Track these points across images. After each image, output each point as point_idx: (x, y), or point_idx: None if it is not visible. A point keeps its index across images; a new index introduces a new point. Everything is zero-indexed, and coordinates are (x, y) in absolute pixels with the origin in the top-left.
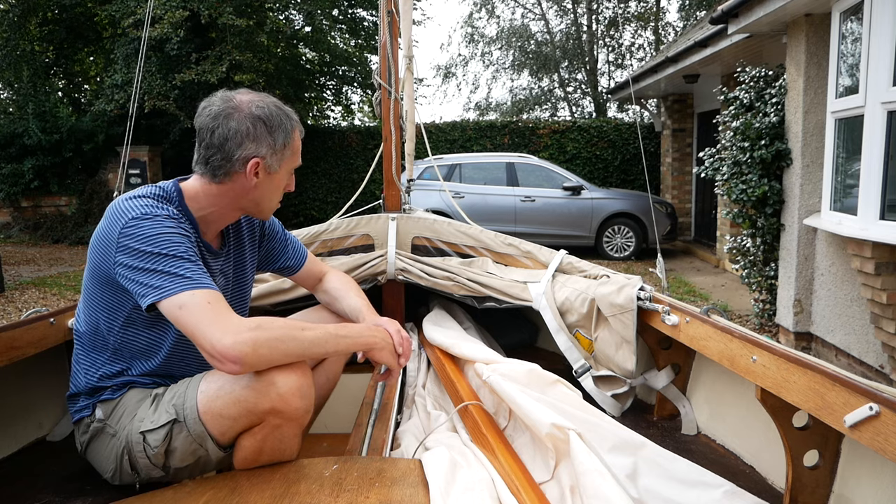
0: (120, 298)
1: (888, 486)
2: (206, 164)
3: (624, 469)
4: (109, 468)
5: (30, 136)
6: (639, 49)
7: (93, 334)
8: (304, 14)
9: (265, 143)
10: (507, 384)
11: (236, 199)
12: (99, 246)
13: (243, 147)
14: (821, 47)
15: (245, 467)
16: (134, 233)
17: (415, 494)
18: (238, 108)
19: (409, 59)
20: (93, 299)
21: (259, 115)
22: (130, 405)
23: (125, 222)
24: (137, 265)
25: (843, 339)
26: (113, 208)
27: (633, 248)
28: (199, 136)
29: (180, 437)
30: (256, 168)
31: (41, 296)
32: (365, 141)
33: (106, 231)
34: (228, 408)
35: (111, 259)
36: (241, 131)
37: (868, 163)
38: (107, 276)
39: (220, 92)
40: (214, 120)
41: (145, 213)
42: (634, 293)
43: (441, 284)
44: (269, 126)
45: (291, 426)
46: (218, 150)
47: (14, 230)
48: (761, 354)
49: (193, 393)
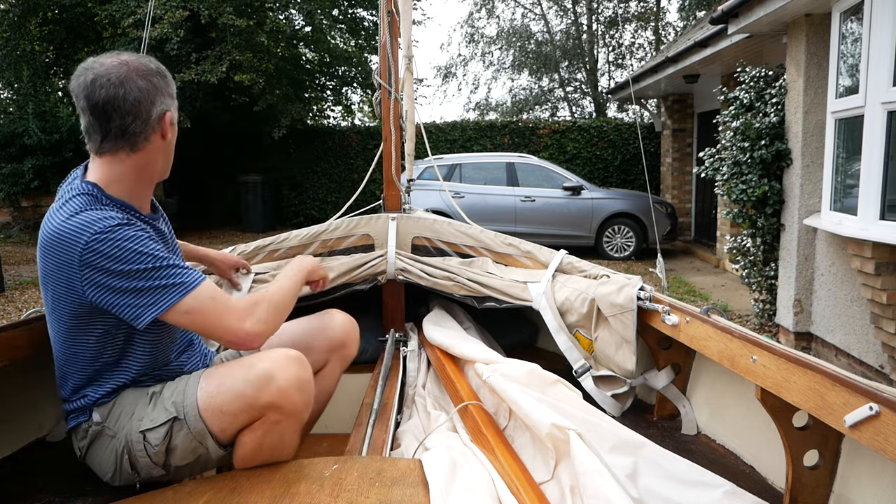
0: (104, 325)
1: (888, 486)
2: (122, 135)
3: (624, 469)
4: (109, 469)
5: (30, 136)
6: (639, 49)
7: (72, 354)
8: (304, 14)
9: (167, 93)
10: (507, 384)
11: (152, 163)
12: (56, 280)
13: (156, 104)
14: (821, 47)
15: (244, 465)
16: (100, 252)
17: (415, 494)
18: (134, 68)
19: (409, 59)
20: (69, 333)
21: (155, 69)
22: (127, 405)
23: (84, 243)
24: (121, 285)
25: (843, 339)
26: (56, 235)
27: (633, 248)
28: (102, 112)
29: (181, 435)
30: (168, 122)
31: (41, 296)
32: (365, 141)
33: (59, 262)
34: (229, 403)
35: (76, 276)
36: (149, 89)
37: (868, 163)
38: (79, 305)
39: (92, 62)
40: (122, 87)
41: (102, 228)
42: (634, 293)
43: (441, 284)
44: (165, 77)
45: (290, 422)
46: (134, 116)
47: (14, 230)
48: (761, 354)
49: (193, 390)
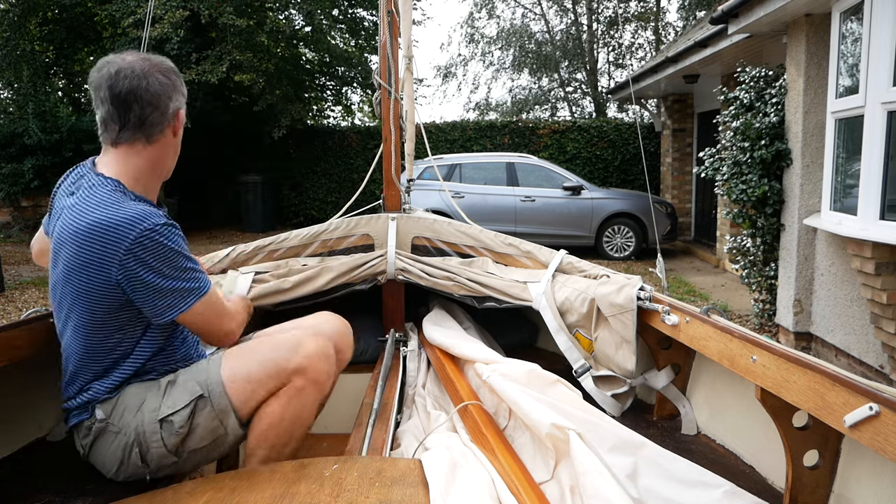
0: (125, 318)
1: (888, 486)
2: (140, 126)
3: (624, 469)
4: (114, 465)
5: (30, 136)
6: (639, 49)
7: (88, 349)
8: (304, 14)
9: (181, 92)
10: (507, 384)
11: (164, 157)
12: (90, 270)
13: (173, 99)
14: (821, 47)
15: (263, 440)
16: (151, 247)
17: (415, 494)
18: (155, 64)
19: (409, 59)
20: (89, 326)
21: (172, 68)
22: (132, 400)
23: (136, 236)
24: (158, 283)
25: (843, 339)
26: (98, 225)
27: (633, 248)
28: (124, 101)
29: (203, 414)
30: (182, 119)
31: (41, 296)
32: (365, 141)
33: (104, 247)
34: (258, 371)
35: (114, 277)
36: (168, 84)
37: (868, 163)
38: (107, 297)
39: (115, 56)
40: (143, 78)
41: (154, 224)
42: (634, 293)
43: (441, 284)
44: (178, 75)
45: (313, 390)
46: (154, 107)
47: (14, 230)
48: (761, 354)
49: (216, 369)
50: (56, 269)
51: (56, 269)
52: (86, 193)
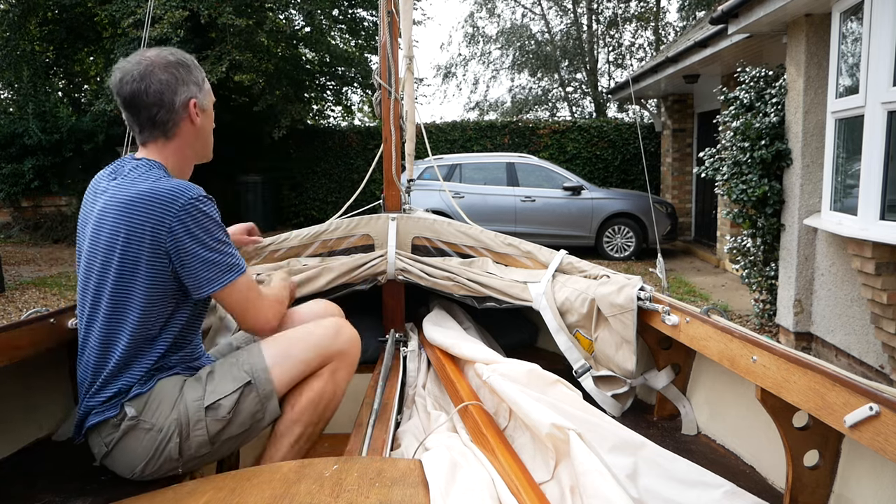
0: (166, 287)
1: (888, 486)
2: (153, 125)
3: (624, 469)
4: (140, 463)
5: (30, 136)
6: (639, 49)
7: (116, 335)
8: (304, 14)
9: (192, 82)
10: (507, 384)
11: (190, 146)
12: (141, 236)
13: (178, 92)
14: (821, 47)
15: (300, 414)
16: (196, 214)
17: (415, 494)
18: (155, 62)
19: (409, 59)
20: (127, 299)
21: (174, 61)
22: (168, 394)
23: (183, 203)
24: (201, 253)
25: (844, 339)
26: (147, 192)
27: (633, 248)
28: (131, 107)
29: (248, 400)
30: (195, 108)
31: (41, 296)
32: (365, 141)
33: (153, 213)
34: (305, 352)
35: (166, 228)
36: (170, 80)
37: (868, 163)
38: (153, 266)
39: (124, 60)
40: (142, 81)
41: (199, 194)
42: (634, 293)
43: (441, 284)
44: (186, 66)
45: (345, 372)
46: (159, 106)
47: (14, 230)
48: (761, 354)
49: (259, 357)
50: (92, 249)
51: (92, 249)
52: (130, 174)
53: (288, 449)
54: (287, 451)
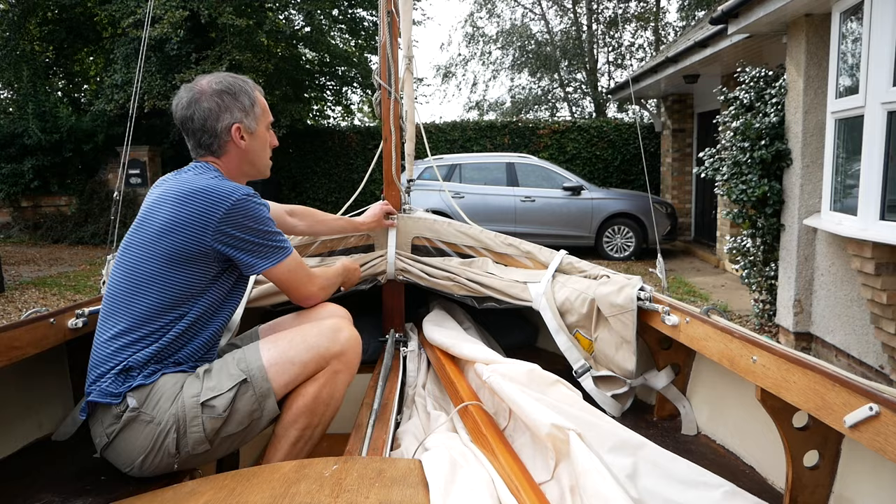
0: (196, 275)
1: (888, 486)
2: (200, 146)
3: (624, 469)
4: (139, 457)
5: (30, 136)
6: (639, 49)
7: (132, 319)
8: (304, 14)
9: (236, 108)
10: (507, 384)
11: (239, 165)
12: (188, 226)
13: (221, 119)
14: (821, 47)
15: (297, 416)
16: (245, 210)
17: (415, 494)
18: (202, 91)
19: (409, 59)
20: (155, 282)
21: (220, 89)
22: (169, 388)
23: (234, 201)
24: (249, 240)
25: (843, 339)
26: (201, 190)
27: (633, 249)
28: (184, 129)
29: (244, 398)
30: (240, 132)
31: (41, 296)
32: (365, 141)
33: (201, 211)
34: (301, 354)
35: (209, 231)
36: (213, 108)
37: (868, 163)
38: (191, 254)
39: (184, 85)
40: (189, 108)
41: (246, 194)
42: (634, 293)
43: (441, 284)
44: (233, 94)
45: (345, 374)
46: (204, 131)
47: (14, 230)
48: (761, 355)
49: (256, 355)
50: (138, 230)
51: (138, 230)
52: (188, 172)
53: (287, 450)
54: (286, 452)
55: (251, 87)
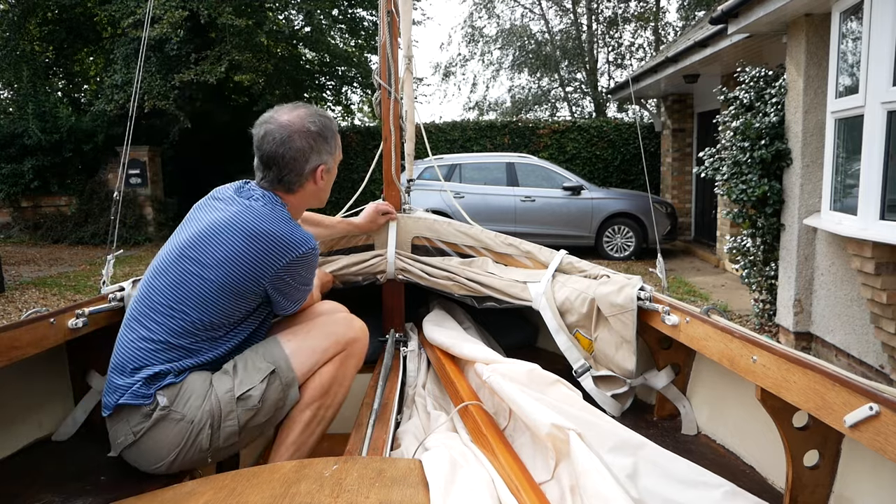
0: (240, 307)
1: (888, 486)
2: (279, 182)
3: (624, 469)
4: (169, 455)
5: (30, 136)
6: (639, 49)
7: (173, 330)
8: (304, 14)
9: (325, 151)
10: (507, 384)
11: (308, 201)
12: (251, 265)
13: (310, 161)
14: (821, 47)
15: (316, 393)
16: (305, 264)
17: (415, 494)
18: (295, 129)
19: (409, 59)
20: (202, 303)
21: (315, 131)
22: (198, 386)
23: (300, 254)
24: (296, 286)
25: (843, 339)
26: (273, 235)
27: (633, 248)
28: (267, 161)
29: (272, 388)
30: (321, 173)
31: (41, 296)
32: (365, 141)
33: (269, 255)
34: (322, 341)
35: (266, 278)
36: (305, 149)
37: (868, 163)
38: (244, 290)
39: (270, 116)
40: (282, 146)
41: (312, 246)
42: (634, 293)
43: (441, 284)
44: (324, 136)
45: (356, 360)
46: (290, 170)
47: (14, 230)
48: (761, 354)
49: (278, 348)
50: (197, 242)
51: (197, 242)
52: (259, 200)
53: (301, 430)
54: (299, 433)
55: (335, 127)
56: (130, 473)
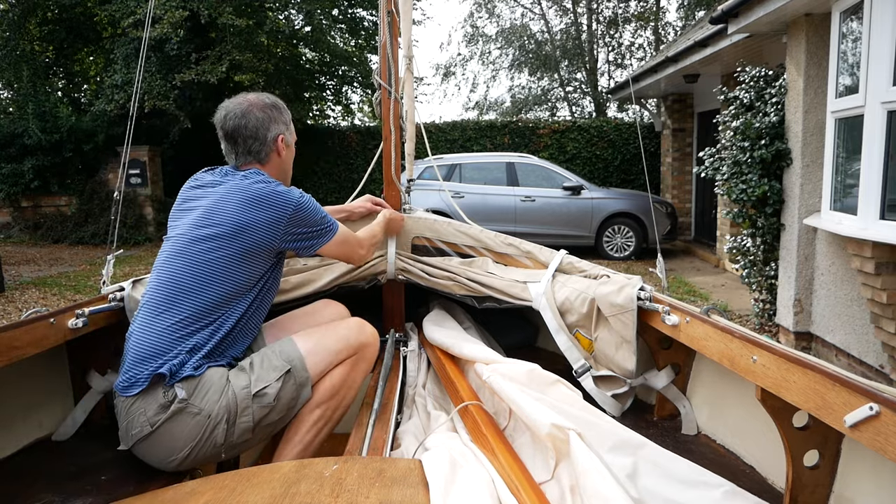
0: (257, 267)
1: (888, 486)
2: (249, 153)
3: (624, 469)
4: (183, 449)
5: (30, 136)
6: (639, 49)
7: (200, 307)
8: (304, 14)
9: (281, 121)
10: (507, 384)
11: (277, 174)
12: (263, 227)
13: (271, 129)
14: (821, 47)
15: (327, 394)
16: (304, 210)
17: (415, 494)
18: (253, 103)
19: (409, 59)
20: (225, 274)
21: (270, 103)
22: (216, 381)
23: (295, 205)
24: (310, 230)
25: (843, 338)
26: (268, 196)
27: (633, 248)
28: (232, 136)
29: (287, 387)
30: (282, 143)
31: (41, 296)
32: (365, 141)
33: (271, 214)
34: (336, 343)
35: (279, 233)
36: (264, 119)
37: (868, 162)
38: (260, 250)
39: (226, 102)
40: (243, 118)
41: (300, 194)
42: (634, 293)
43: (441, 284)
44: (279, 108)
45: (365, 364)
46: (255, 138)
47: (14, 230)
48: (761, 354)
49: (293, 348)
50: (200, 224)
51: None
52: (246, 177)
53: (307, 430)
54: (306, 432)
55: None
56: (130, 473)
